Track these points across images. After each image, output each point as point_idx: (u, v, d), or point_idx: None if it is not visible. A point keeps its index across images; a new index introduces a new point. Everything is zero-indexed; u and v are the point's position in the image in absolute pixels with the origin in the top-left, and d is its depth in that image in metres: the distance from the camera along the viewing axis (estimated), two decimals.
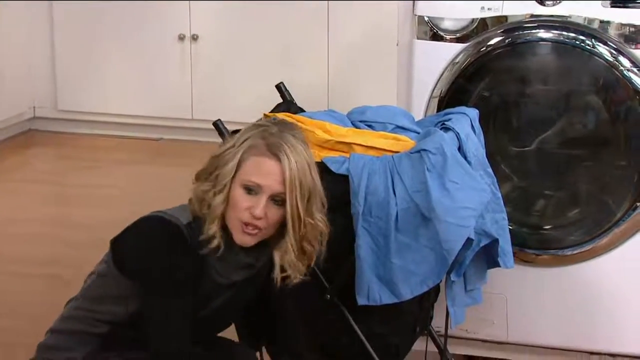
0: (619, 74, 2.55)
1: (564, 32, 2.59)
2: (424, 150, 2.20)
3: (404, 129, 2.42)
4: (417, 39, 2.70)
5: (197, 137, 5.06)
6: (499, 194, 2.41)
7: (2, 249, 3.78)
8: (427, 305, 2.49)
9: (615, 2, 2.55)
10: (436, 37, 2.68)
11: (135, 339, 1.98)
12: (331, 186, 2.07)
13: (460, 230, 2.17)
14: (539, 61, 2.67)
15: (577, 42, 2.57)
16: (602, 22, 2.57)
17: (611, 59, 2.55)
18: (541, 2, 2.60)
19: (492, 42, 2.64)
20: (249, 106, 3.44)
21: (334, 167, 2.22)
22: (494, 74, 2.68)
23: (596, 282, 2.70)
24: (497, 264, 2.37)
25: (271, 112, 2.46)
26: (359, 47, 4.84)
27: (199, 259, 1.97)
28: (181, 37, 5.11)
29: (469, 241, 2.21)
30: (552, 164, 2.75)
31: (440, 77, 2.68)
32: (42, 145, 5.32)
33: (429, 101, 2.70)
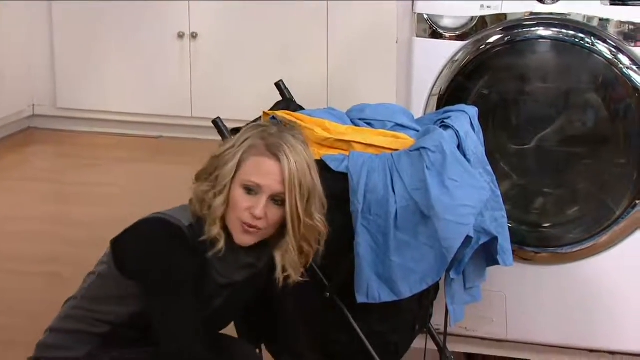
0: (618, 71, 2.55)
1: (563, 30, 2.59)
2: (424, 148, 2.20)
3: (403, 127, 2.42)
4: (417, 36, 2.69)
5: (196, 134, 5.06)
6: (498, 192, 2.41)
7: (1, 246, 3.78)
8: (426, 303, 2.49)
9: (614, 0, 2.55)
10: (435, 35, 2.67)
11: (136, 339, 1.98)
12: (330, 184, 2.06)
13: (459, 228, 2.17)
14: (538, 59, 2.67)
15: (577, 40, 2.57)
16: (601, 19, 2.56)
17: (610, 56, 2.55)
18: (541, 0, 2.60)
19: (492, 40, 2.63)
20: (248, 104, 3.45)
21: (334, 165, 2.22)
22: (493, 72, 2.68)
23: (595, 280, 2.70)
24: (496, 262, 2.37)
25: (270, 109, 2.46)
26: (359, 45, 4.84)
27: (201, 259, 1.97)
28: (180, 35, 5.11)
29: (468, 239, 2.21)
30: (552, 162, 2.75)
31: (439, 75, 2.68)
32: (41, 143, 5.32)
33: (429, 99, 2.70)
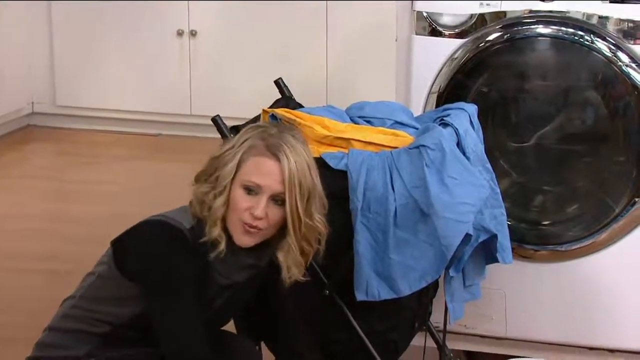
0: (617, 69, 2.55)
1: (563, 28, 2.59)
2: (423, 146, 2.20)
3: (402, 125, 2.42)
4: (416, 34, 2.69)
5: (195, 132, 5.06)
6: (498, 190, 2.41)
7: (0, 244, 3.77)
8: (425, 300, 2.49)
9: None
10: (435, 32, 2.67)
11: (136, 340, 1.98)
12: (330, 182, 2.06)
13: (458, 225, 2.17)
14: (537, 57, 2.67)
15: (576, 38, 2.57)
16: (600, 17, 2.56)
17: (610, 54, 2.55)
18: None
19: (491, 37, 2.63)
20: (247, 102, 3.45)
21: (333, 163, 2.22)
22: (492, 70, 2.68)
23: (595, 277, 2.70)
24: (495, 260, 2.37)
25: (270, 107, 2.46)
26: (358, 43, 4.84)
27: (202, 261, 1.97)
28: (180, 33, 5.11)
29: (468, 237, 2.21)
30: (551, 160, 2.75)
31: (439, 73, 2.67)
32: (40, 141, 5.32)
33: (428, 97, 2.70)
